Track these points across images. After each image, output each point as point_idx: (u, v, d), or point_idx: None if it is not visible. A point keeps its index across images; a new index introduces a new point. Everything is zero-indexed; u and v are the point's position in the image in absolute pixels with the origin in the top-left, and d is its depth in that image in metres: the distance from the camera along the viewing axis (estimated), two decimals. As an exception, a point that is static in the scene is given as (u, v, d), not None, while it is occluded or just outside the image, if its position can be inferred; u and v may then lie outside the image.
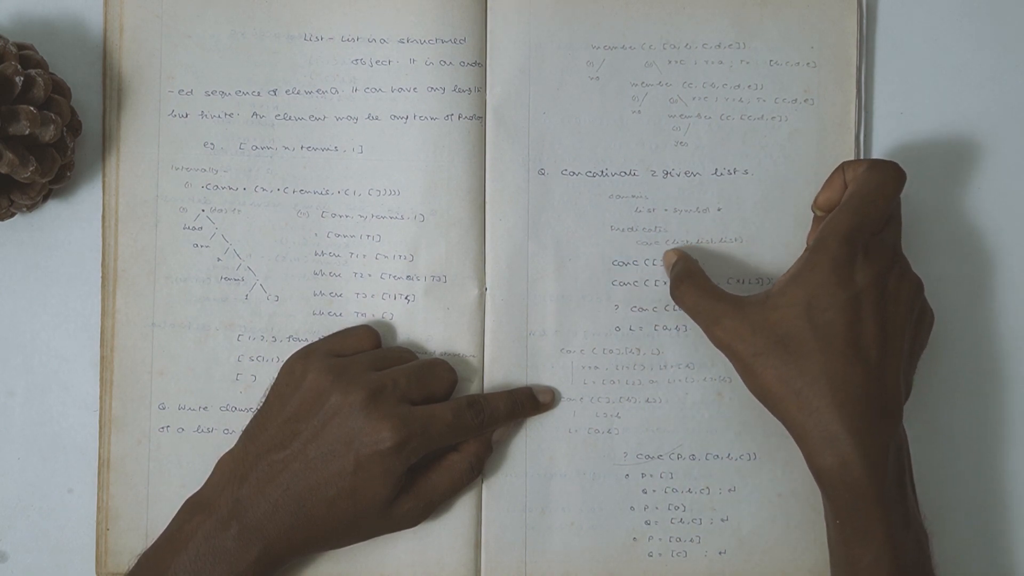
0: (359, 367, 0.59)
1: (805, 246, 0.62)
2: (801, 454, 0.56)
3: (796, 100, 0.64)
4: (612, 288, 0.64)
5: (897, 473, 0.55)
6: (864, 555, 0.54)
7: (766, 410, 0.63)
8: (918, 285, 0.58)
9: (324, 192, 0.63)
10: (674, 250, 0.63)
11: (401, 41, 0.63)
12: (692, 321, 0.63)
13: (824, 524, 0.58)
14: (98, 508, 0.63)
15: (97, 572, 0.63)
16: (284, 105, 0.64)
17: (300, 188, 0.63)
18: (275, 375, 0.61)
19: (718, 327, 0.58)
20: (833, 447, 0.54)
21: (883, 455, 0.54)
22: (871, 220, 0.57)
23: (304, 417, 0.58)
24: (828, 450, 0.54)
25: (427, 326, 0.63)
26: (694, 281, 0.60)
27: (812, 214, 0.63)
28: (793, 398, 0.55)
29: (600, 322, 0.63)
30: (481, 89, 0.63)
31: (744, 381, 0.58)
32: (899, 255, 0.59)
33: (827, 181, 0.60)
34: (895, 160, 0.58)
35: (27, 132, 0.57)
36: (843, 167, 0.59)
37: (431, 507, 0.60)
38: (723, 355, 0.58)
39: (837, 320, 0.55)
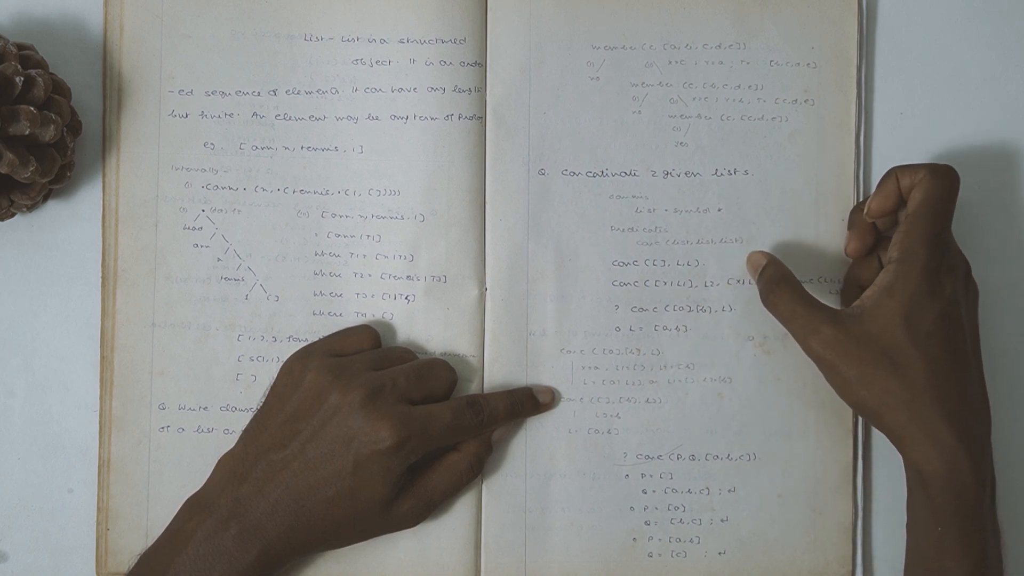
0: (358, 367, 0.59)
1: (845, 252, 0.62)
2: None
3: (796, 100, 0.64)
4: (612, 288, 0.63)
5: (992, 480, 0.56)
6: (958, 568, 0.55)
7: (766, 410, 0.63)
8: (977, 289, 0.60)
9: (324, 192, 0.63)
10: (762, 252, 0.62)
11: (401, 41, 0.63)
12: (688, 324, 0.63)
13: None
14: (98, 508, 0.63)
15: (97, 572, 0.63)
16: (284, 105, 0.64)
17: (300, 188, 0.63)
18: (275, 375, 0.61)
19: (815, 338, 0.57)
20: (944, 454, 0.55)
21: (987, 460, 0.56)
22: (946, 225, 0.58)
23: (303, 417, 0.58)
24: (939, 457, 0.55)
25: (427, 326, 0.63)
26: (790, 287, 0.59)
27: (811, 213, 0.63)
28: (902, 409, 0.55)
29: (600, 322, 0.63)
30: (481, 89, 0.63)
31: (841, 393, 0.58)
32: (965, 259, 0.60)
33: (879, 188, 0.60)
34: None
35: (27, 132, 0.57)
36: (896, 174, 0.59)
37: (431, 507, 0.60)
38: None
39: (936, 330, 0.56)
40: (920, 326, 0.56)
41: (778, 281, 0.59)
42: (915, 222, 0.57)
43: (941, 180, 0.58)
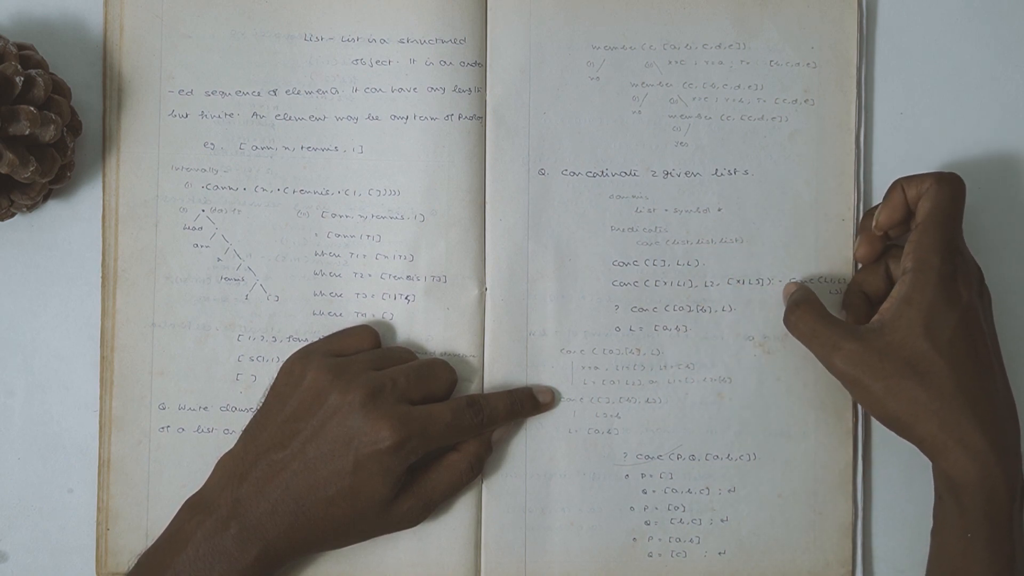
0: (358, 366, 0.59)
1: (855, 257, 0.62)
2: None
3: (796, 100, 0.64)
4: (612, 288, 0.64)
5: (1022, 485, 0.56)
6: (983, 573, 0.55)
7: (766, 410, 0.63)
8: (990, 295, 0.60)
9: (324, 192, 0.63)
10: (793, 281, 0.63)
11: (401, 41, 0.63)
12: (688, 324, 0.63)
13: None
14: (98, 508, 0.63)
15: (97, 572, 0.63)
16: (284, 105, 0.64)
17: (300, 188, 0.63)
18: (275, 375, 0.61)
19: (838, 354, 0.57)
20: (977, 460, 0.54)
21: (1017, 466, 0.56)
22: (957, 232, 0.58)
23: (303, 416, 0.58)
24: (972, 464, 0.55)
25: (427, 326, 0.63)
26: (810, 307, 0.59)
27: (811, 213, 0.63)
28: (932, 419, 0.55)
29: (600, 322, 0.63)
30: (481, 89, 0.63)
31: (869, 407, 0.58)
32: (978, 265, 0.60)
33: (885, 200, 0.60)
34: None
35: (27, 132, 0.57)
36: (902, 185, 0.59)
37: (431, 507, 0.60)
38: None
39: (957, 337, 0.56)
40: (941, 334, 0.56)
41: (798, 302, 0.60)
42: (926, 231, 0.57)
43: (948, 188, 0.58)
